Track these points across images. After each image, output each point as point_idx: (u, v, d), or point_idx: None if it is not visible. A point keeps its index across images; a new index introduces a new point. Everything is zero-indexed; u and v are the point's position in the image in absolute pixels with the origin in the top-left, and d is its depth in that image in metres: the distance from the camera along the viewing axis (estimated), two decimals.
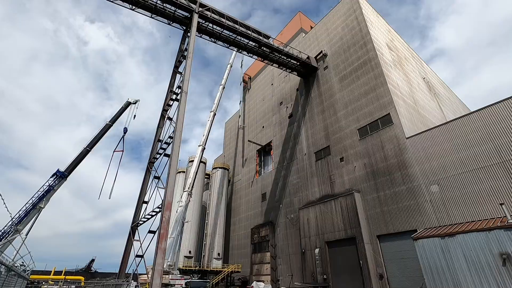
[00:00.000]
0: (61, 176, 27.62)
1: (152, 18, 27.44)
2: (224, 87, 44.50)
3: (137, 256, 25.18)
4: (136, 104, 35.33)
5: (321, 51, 35.78)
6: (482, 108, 18.33)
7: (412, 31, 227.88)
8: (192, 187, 32.02)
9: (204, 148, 35.12)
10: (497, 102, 17.59)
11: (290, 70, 36.93)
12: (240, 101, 51.75)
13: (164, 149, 27.86)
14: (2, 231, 23.61)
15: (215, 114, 38.59)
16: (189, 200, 30.12)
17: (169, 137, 26.62)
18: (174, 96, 29.62)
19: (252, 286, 30.66)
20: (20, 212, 24.76)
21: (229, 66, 47.54)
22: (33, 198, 25.70)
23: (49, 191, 26.60)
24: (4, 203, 10.34)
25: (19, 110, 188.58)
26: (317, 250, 25.49)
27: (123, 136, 34.03)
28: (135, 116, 34.87)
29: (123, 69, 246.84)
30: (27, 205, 25.24)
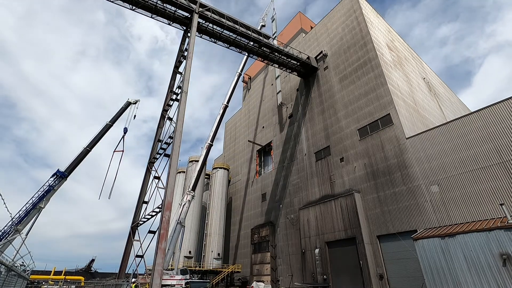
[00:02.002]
0: (61, 176, 27.63)
1: (152, 18, 27.45)
2: (240, 75, 39.20)
3: (137, 256, 25.18)
4: (136, 104, 35.39)
5: (321, 51, 35.79)
6: (482, 108, 18.33)
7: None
8: (196, 185, 30.29)
9: (211, 145, 31.38)
10: (497, 102, 17.59)
11: (290, 70, 36.92)
12: (278, 76, 43.55)
13: (164, 149, 27.88)
14: (2, 231, 23.61)
15: (226, 106, 34.20)
16: (193, 198, 29.39)
17: (169, 137, 26.64)
18: (174, 96, 29.64)
19: (252, 286, 30.65)
20: (20, 212, 24.78)
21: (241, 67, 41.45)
22: (33, 198, 25.71)
23: (49, 191, 26.61)
24: (4, 203, 10.33)
25: (56, 108, 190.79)
26: (317, 250, 25.48)
27: (123, 136, 34.07)
28: (135, 116, 34.92)
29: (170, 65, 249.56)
30: (27, 205, 25.25)
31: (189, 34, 27.58)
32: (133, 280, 23.18)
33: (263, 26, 45.83)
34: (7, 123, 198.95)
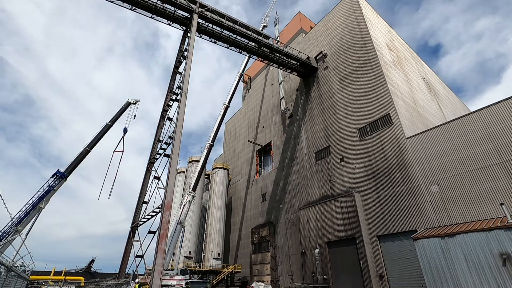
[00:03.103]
0: (61, 177, 27.61)
1: (152, 18, 27.45)
2: (241, 75, 38.19)
3: (137, 256, 25.19)
4: (136, 104, 35.37)
5: (321, 52, 35.79)
6: (482, 108, 18.34)
7: None
8: (197, 186, 30.10)
9: (212, 145, 31.19)
10: (497, 102, 17.60)
11: (290, 71, 36.93)
12: (281, 81, 42.47)
13: (164, 149, 27.89)
14: (2, 231, 23.59)
15: (228, 106, 34.08)
16: (193, 199, 29.24)
17: (169, 137, 26.65)
18: (174, 97, 29.66)
19: (252, 286, 30.64)
20: (20, 213, 24.75)
21: (242, 68, 39.81)
22: (33, 199, 25.69)
23: (49, 191, 26.58)
24: (4, 203, 10.34)
25: (77, 106, 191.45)
26: (317, 250, 25.48)
27: (123, 137, 34.04)
28: (135, 116, 34.91)
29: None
30: (27, 206, 25.23)
31: (189, 34, 27.59)
32: (137, 280, 23.20)
33: (265, 26, 45.73)
34: (25, 121, 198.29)
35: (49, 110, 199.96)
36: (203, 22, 29.10)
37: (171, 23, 28.68)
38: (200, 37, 30.19)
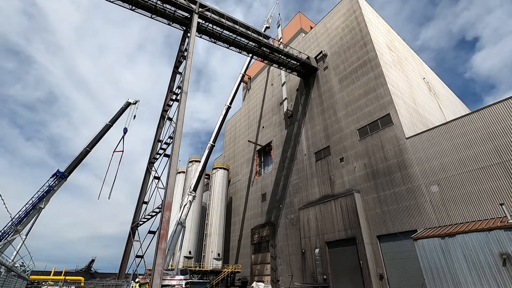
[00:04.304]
0: (61, 177, 27.62)
1: (152, 18, 27.46)
2: (243, 76, 38.20)
3: (137, 256, 25.19)
4: (136, 104, 35.38)
5: (321, 52, 35.79)
6: (482, 108, 18.34)
7: None
8: (197, 186, 30.06)
9: (213, 146, 31.27)
10: (497, 102, 17.60)
11: (290, 71, 36.93)
12: (284, 82, 42.24)
13: (164, 149, 27.89)
14: (2, 231, 23.59)
15: (229, 107, 34.14)
16: (194, 199, 29.21)
17: (169, 137, 26.66)
18: (174, 97, 29.66)
19: (252, 286, 30.64)
20: (20, 213, 24.75)
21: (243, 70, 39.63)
22: (33, 199, 25.69)
23: (49, 191, 26.57)
24: (4, 204, 10.34)
25: (101, 105, 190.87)
26: (317, 250, 25.48)
27: (122, 137, 34.05)
28: (135, 116, 34.93)
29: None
30: (27, 206, 25.22)
31: (188, 34, 27.59)
32: (137, 280, 23.23)
33: (267, 27, 45.73)
34: (45, 120, 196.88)
35: (71, 108, 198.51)
36: (203, 22, 29.09)
37: (171, 23, 28.67)
38: (200, 37, 30.20)
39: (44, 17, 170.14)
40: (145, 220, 27.35)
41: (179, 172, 48.79)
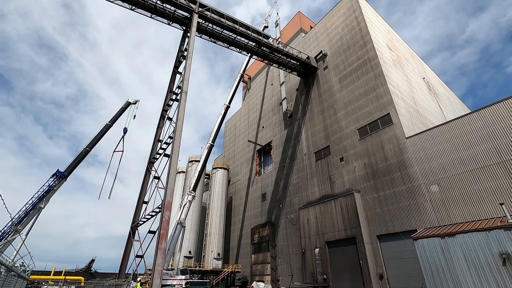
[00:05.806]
0: (61, 177, 27.62)
1: (152, 18, 27.44)
2: (242, 75, 37.96)
3: (137, 256, 25.19)
4: (136, 104, 35.37)
5: (321, 51, 35.77)
6: (482, 108, 18.33)
7: None
8: (197, 186, 29.99)
9: (213, 145, 31.17)
10: (497, 102, 17.60)
11: (290, 70, 36.91)
12: (283, 82, 41.98)
13: (164, 149, 27.88)
14: (2, 231, 23.59)
15: (228, 107, 33.79)
16: (193, 199, 29.20)
17: (169, 137, 26.65)
18: (174, 96, 29.64)
19: (252, 286, 30.66)
20: (20, 213, 24.75)
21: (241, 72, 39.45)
22: (33, 199, 25.69)
23: (49, 191, 26.58)
24: (4, 203, 10.33)
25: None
26: (317, 250, 25.49)
27: (122, 137, 34.05)
28: (135, 116, 34.93)
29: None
30: (27, 206, 25.23)
31: (188, 34, 27.58)
32: (138, 279, 23.25)
33: (265, 27, 45.74)
34: (72, 117, 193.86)
35: (100, 106, 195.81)
36: (203, 22, 29.07)
37: (171, 23, 28.66)
38: (200, 37, 30.19)
39: (83, 10, 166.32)
40: (145, 220, 27.33)
41: (179, 172, 48.81)
